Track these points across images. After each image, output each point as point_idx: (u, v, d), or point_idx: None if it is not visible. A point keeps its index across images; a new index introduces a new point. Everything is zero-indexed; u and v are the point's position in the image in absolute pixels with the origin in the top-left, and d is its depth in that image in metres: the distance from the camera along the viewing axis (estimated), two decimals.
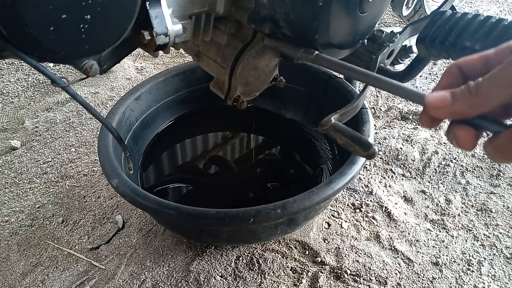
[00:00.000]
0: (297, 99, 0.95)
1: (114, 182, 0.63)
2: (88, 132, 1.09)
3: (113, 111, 0.79)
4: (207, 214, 0.58)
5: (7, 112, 1.19)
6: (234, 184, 0.88)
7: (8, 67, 1.37)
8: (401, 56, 0.62)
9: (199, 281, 0.73)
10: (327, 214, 0.85)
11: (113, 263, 0.77)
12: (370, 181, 0.92)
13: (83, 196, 0.91)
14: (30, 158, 1.02)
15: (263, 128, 0.99)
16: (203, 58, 0.57)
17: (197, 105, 0.98)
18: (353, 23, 0.46)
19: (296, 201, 0.58)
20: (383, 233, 0.81)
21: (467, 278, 0.73)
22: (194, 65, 0.92)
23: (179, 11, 0.44)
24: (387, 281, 0.72)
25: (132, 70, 1.36)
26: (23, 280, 0.75)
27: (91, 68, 0.38)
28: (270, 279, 0.73)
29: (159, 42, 0.40)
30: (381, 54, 0.52)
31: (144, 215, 0.86)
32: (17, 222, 0.86)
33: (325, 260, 0.76)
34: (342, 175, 0.62)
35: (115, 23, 0.36)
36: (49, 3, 0.30)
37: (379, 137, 1.04)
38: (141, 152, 0.89)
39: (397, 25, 1.57)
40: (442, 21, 0.51)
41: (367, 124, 0.73)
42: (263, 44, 0.48)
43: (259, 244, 0.79)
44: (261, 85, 0.56)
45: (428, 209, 0.86)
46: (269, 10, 0.44)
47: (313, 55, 0.42)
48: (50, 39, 0.31)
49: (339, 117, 0.35)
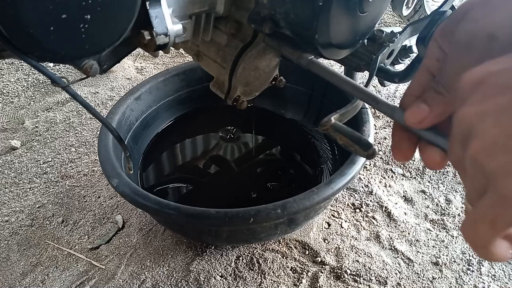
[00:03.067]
0: (297, 99, 0.95)
1: (114, 182, 0.63)
2: (88, 132, 1.09)
3: (113, 111, 0.79)
4: (207, 214, 0.58)
5: (7, 112, 1.19)
6: (234, 184, 0.88)
7: (8, 67, 1.37)
8: (401, 56, 0.62)
9: (199, 281, 0.73)
10: (327, 214, 0.85)
11: (113, 263, 0.77)
12: (370, 181, 0.92)
13: (83, 196, 0.91)
14: (30, 158, 1.02)
15: (263, 128, 0.99)
16: (203, 58, 0.57)
17: (197, 105, 0.98)
18: (353, 23, 0.46)
19: (296, 201, 0.58)
20: (383, 233, 0.81)
21: (467, 278, 0.73)
22: (194, 65, 0.92)
23: (179, 11, 0.44)
24: (387, 281, 0.72)
25: (132, 70, 1.36)
26: (23, 280, 0.75)
27: (91, 68, 0.38)
28: (270, 279, 0.73)
29: (159, 42, 0.40)
30: (381, 54, 0.52)
31: (144, 215, 0.86)
32: (17, 222, 0.86)
33: (325, 260, 0.76)
34: (342, 175, 0.62)
35: (115, 23, 0.36)
36: (49, 3, 0.30)
37: (379, 137, 1.04)
38: (141, 152, 0.89)
39: (397, 25, 1.57)
40: (442, 21, 0.51)
41: (367, 124, 0.73)
42: (264, 44, 0.48)
43: (259, 244, 0.79)
44: (261, 85, 0.56)
45: (428, 209, 0.86)
46: (269, 10, 0.44)
47: (306, 60, 0.42)
48: (50, 39, 0.31)
49: (339, 117, 0.35)
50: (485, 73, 0.19)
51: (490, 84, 0.19)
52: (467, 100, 0.20)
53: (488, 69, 0.19)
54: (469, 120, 0.19)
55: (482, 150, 0.18)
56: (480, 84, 0.19)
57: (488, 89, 0.19)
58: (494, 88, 0.18)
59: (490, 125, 0.18)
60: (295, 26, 0.43)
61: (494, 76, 0.19)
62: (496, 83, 0.19)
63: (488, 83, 0.19)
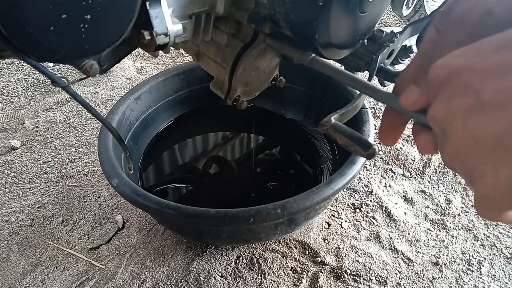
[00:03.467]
0: (297, 99, 0.95)
1: (114, 182, 0.63)
2: (88, 132, 1.09)
3: (113, 111, 0.79)
4: (207, 214, 0.58)
5: (7, 112, 1.19)
6: (234, 184, 0.88)
7: (8, 67, 1.37)
8: (401, 56, 0.62)
9: (199, 281, 0.73)
10: (327, 214, 0.85)
11: (113, 263, 0.77)
12: (370, 181, 0.92)
13: (83, 196, 0.91)
14: (30, 158, 1.02)
15: (263, 128, 0.99)
16: (203, 58, 0.57)
17: (197, 105, 0.98)
18: (353, 23, 0.46)
19: (296, 201, 0.58)
20: (383, 233, 0.81)
21: (467, 278, 0.73)
22: (194, 65, 0.92)
23: (179, 11, 0.44)
24: (387, 281, 0.72)
25: (132, 70, 1.36)
26: (23, 279, 0.75)
27: (91, 68, 0.38)
28: (270, 279, 0.73)
29: (159, 42, 0.40)
30: (381, 54, 0.52)
31: (144, 215, 0.86)
32: (17, 222, 0.86)
33: (325, 260, 0.76)
34: (342, 175, 0.62)
35: (115, 23, 0.36)
36: (49, 3, 0.30)
37: None
38: (141, 152, 0.89)
39: (397, 25, 1.57)
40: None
41: (367, 124, 0.73)
42: (265, 44, 0.48)
43: (259, 244, 0.79)
44: (261, 85, 0.56)
45: (428, 209, 0.86)
46: (269, 10, 0.44)
47: (309, 58, 0.42)
48: (50, 39, 0.31)
49: (339, 117, 0.35)
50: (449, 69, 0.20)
51: (454, 83, 0.20)
52: (436, 96, 0.21)
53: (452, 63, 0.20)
54: (440, 118, 0.21)
55: (455, 153, 0.20)
56: (446, 81, 0.20)
57: (453, 88, 0.20)
58: (459, 88, 0.19)
59: (459, 129, 0.19)
60: (295, 26, 0.43)
61: (458, 74, 0.20)
62: (460, 82, 0.19)
63: (453, 82, 0.20)
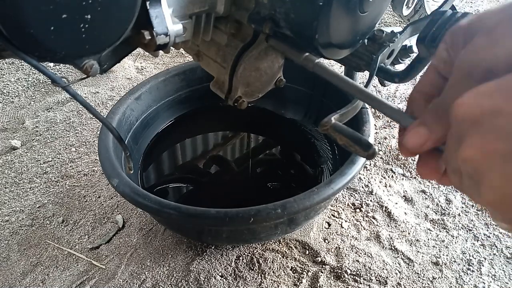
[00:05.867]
0: (298, 99, 0.95)
1: (114, 182, 0.63)
2: (88, 132, 1.09)
3: (113, 110, 0.79)
4: (207, 214, 0.58)
5: (7, 112, 1.19)
6: (234, 184, 0.88)
7: (8, 67, 1.37)
8: (401, 56, 0.62)
9: (199, 280, 0.73)
10: (327, 214, 0.85)
11: (113, 263, 0.78)
12: (370, 181, 0.92)
13: (83, 196, 0.91)
14: (30, 158, 1.02)
15: (263, 128, 0.99)
16: (203, 58, 0.57)
17: (197, 105, 0.98)
18: (353, 23, 0.46)
19: (296, 201, 0.58)
20: (383, 233, 0.81)
21: (467, 278, 0.72)
22: (194, 65, 0.92)
23: (180, 10, 0.44)
24: (387, 281, 0.72)
25: (132, 70, 1.36)
26: (23, 279, 0.75)
27: (91, 67, 0.38)
28: (270, 279, 0.73)
29: (160, 42, 0.40)
30: (381, 54, 0.52)
31: (144, 215, 0.86)
32: (18, 221, 0.86)
33: (325, 260, 0.76)
34: (342, 175, 0.62)
35: (115, 23, 0.36)
36: (49, 3, 0.30)
37: (379, 137, 1.04)
38: (141, 152, 0.89)
39: (397, 25, 1.57)
40: (443, 21, 0.51)
41: (367, 124, 0.73)
42: (266, 45, 0.48)
43: (259, 244, 0.79)
44: (263, 87, 0.56)
45: (428, 209, 0.86)
46: (269, 9, 0.44)
47: (313, 64, 0.42)
48: (50, 39, 0.31)
49: (339, 117, 0.35)
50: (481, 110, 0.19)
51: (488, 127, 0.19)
52: (465, 137, 0.20)
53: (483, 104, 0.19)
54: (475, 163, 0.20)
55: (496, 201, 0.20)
56: (477, 122, 0.20)
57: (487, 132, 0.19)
58: (495, 132, 0.19)
59: (497, 176, 0.19)
60: (295, 26, 0.43)
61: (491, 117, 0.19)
62: (494, 126, 0.19)
63: (486, 125, 0.19)
